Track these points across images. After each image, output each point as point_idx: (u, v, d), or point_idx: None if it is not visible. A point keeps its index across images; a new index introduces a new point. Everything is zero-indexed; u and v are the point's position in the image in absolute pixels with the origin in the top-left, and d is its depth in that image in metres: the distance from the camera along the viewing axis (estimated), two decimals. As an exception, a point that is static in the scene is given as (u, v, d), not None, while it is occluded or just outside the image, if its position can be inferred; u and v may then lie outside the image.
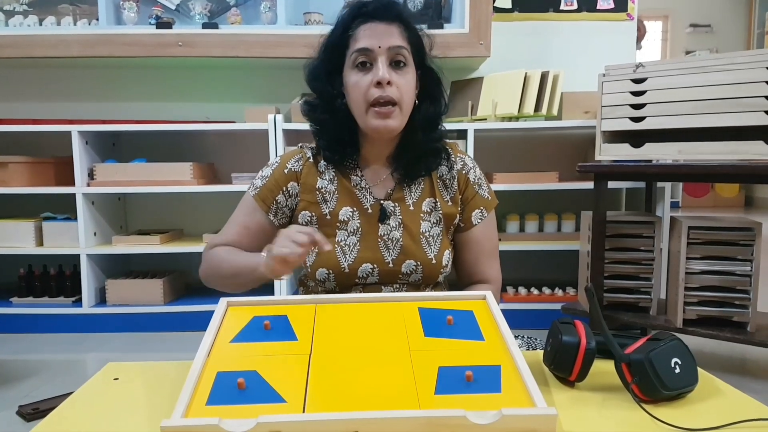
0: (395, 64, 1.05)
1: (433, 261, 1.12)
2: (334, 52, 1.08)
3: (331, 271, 1.10)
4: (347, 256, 1.10)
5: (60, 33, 2.58)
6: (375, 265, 1.11)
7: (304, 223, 1.13)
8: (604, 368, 0.79)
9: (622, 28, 2.88)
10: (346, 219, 1.12)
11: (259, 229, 1.15)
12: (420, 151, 1.12)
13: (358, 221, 1.12)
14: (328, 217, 1.12)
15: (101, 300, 2.71)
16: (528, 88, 2.54)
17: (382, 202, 1.13)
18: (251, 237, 1.15)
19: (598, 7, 2.86)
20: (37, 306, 2.65)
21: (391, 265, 1.11)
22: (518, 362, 0.72)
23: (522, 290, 2.68)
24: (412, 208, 1.14)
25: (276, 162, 1.17)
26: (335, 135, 1.12)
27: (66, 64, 2.78)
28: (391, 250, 1.11)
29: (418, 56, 1.09)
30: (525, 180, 2.59)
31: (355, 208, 1.13)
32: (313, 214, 1.13)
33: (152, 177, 2.59)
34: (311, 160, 1.15)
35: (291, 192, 1.14)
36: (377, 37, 1.03)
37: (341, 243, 1.11)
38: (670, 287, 2.12)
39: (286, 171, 1.14)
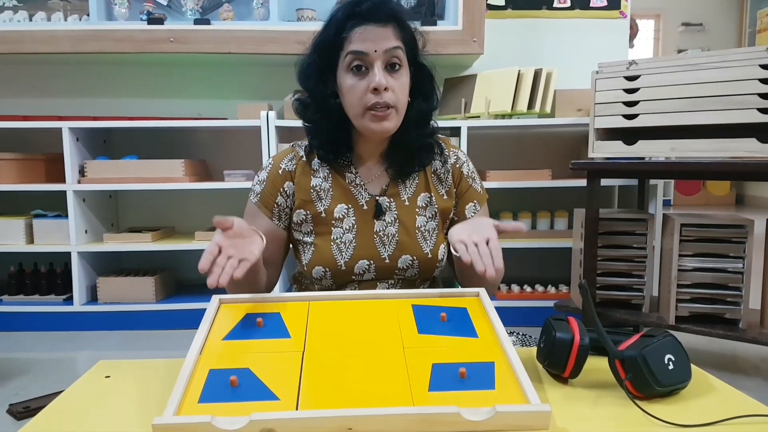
0: (390, 66, 1.04)
1: (429, 255, 1.12)
2: (327, 51, 1.06)
3: (327, 269, 1.10)
4: (343, 253, 1.10)
5: (50, 29, 2.56)
6: (371, 262, 1.11)
7: (299, 222, 1.13)
8: (597, 365, 0.79)
9: (615, 26, 2.89)
10: (341, 216, 1.12)
11: (265, 233, 1.11)
12: (413, 147, 1.12)
13: (354, 218, 1.12)
14: (323, 215, 1.12)
15: (92, 298, 2.69)
16: (521, 85, 2.55)
17: (377, 198, 1.13)
18: None
19: (591, 5, 2.87)
20: (28, 304, 2.63)
21: (387, 261, 1.11)
22: (512, 359, 0.72)
23: (515, 287, 2.69)
24: (407, 203, 1.14)
25: (269, 164, 1.16)
26: (329, 134, 1.11)
27: (56, 60, 2.75)
28: (387, 246, 1.12)
29: (411, 54, 1.08)
30: (518, 177, 2.59)
31: (350, 205, 1.12)
32: (308, 212, 1.12)
33: (144, 174, 2.57)
34: (304, 158, 1.14)
35: (288, 192, 1.13)
36: (372, 40, 1.02)
37: (337, 240, 1.11)
38: (662, 284, 2.13)
39: (280, 172, 1.13)
